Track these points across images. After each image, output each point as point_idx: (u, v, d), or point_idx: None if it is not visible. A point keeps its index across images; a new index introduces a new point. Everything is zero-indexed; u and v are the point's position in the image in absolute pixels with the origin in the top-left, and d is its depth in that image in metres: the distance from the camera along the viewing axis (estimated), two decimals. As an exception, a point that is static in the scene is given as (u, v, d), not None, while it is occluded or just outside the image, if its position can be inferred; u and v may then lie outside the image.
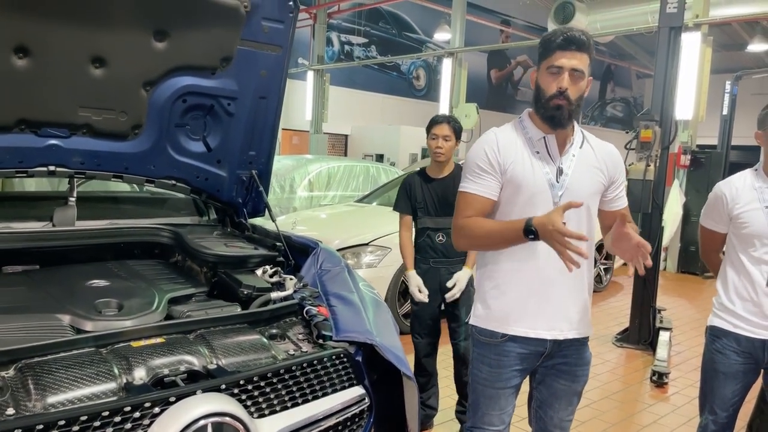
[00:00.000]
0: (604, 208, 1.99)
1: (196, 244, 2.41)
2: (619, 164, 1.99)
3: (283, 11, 2.48)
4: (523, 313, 1.89)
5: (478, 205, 1.88)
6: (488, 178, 1.87)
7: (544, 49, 1.83)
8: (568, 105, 1.80)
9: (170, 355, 1.64)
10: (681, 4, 4.83)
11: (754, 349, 2.33)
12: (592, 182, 1.91)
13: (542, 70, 1.84)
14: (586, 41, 1.79)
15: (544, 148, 1.88)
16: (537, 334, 1.90)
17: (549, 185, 1.85)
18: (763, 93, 17.75)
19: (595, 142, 1.97)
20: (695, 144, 8.77)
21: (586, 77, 1.83)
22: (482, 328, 1.97)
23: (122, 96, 2.33)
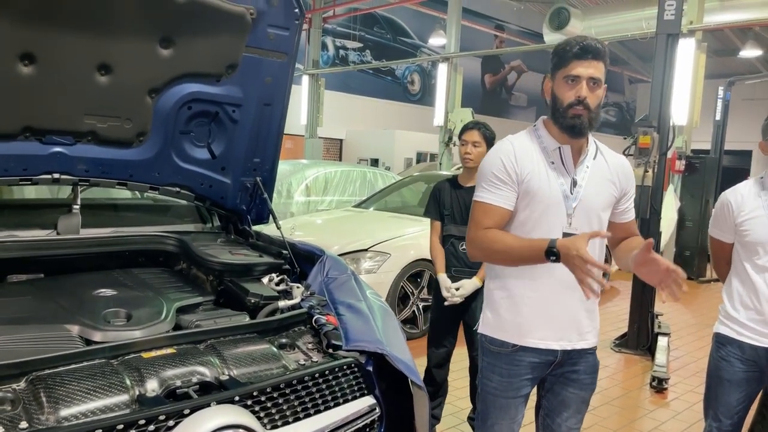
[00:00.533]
0: (615, 221, 1.98)
1: (202, 252, 2.39)
2: (631, 177, 1.99)
3: (289, 18, 2.47)
4: (535, 324, 1.89)
5: (496, 216, 1.85)
6: (506, 189, 1.85)
7: (559, 59, 1.82)
8: (588, 114, 1.80)
9: (182, 366, 1.62)
10: (678, 11, 4.87)
11: (758, 357, 2.33)
12: (605, 194, 1.91)
13: (558, 79, 1.83)
14: (602, 49, 1.79)
15: (559, 158, 1.88)
16: (548, 345, 1.90)
17: (563, 197, 1.85)
18: (754, 98, 17.94)
19: (608, 154, 1.97)
20: (690, 149, 8.83)
21: (603, 85, 1.83)
22: (493, 337, 1.96)
23: (127, 103, 2.32)
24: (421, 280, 5.21)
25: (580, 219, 1.85)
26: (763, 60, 17.31)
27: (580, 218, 1.85)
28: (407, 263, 5.07)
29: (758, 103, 16.95)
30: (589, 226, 1.85)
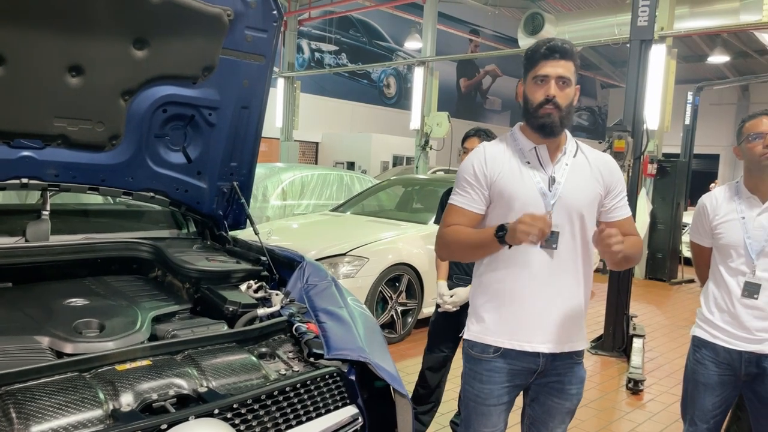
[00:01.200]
0: (603, 219, 1.95)
1: (177, 259, 2.33)
2: (615, 173, 1.95)
3: (267, 20, 2.43)
4: (517, 325, 1.87)
5: (463, 218, 1.89)
6: (474, 192, 1.88)
7: (528, 61, 1.84)
8: (558, 112, 1.80)
9: (158, 379, 1.56)
10: (651, 17, 4.95)
11: (732, 360, 2.35)
12: (588, 191, 1.88)
13: (528, 81, 1.84)
14: (570, 49, 1.80)
15: (536, 157, 1.88)
16: (533, 348, 1.88)
17: (540, 194, 1.83)
18: (721, 103, 18.42)
19: (589, 152, 1.96)
20: (661, 153, 8.99)
21: (573, 85, 1.83)
22: (474, 342, 1.95)
23: (99, 106, 2.25)
24: (400, 285, 5.19)
25: (560, 216, 1.83)
26: (730, 66, 17.78)
27: (561, 215, 1.83)
28: (385, 267, 5.04)
29: (725, 107, 17.39)
30: (570, 223, 1.84)
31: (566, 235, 1.84)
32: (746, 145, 2.32)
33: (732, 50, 15.90)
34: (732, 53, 15.96)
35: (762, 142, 2.26)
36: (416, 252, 5.24)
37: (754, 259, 2.30)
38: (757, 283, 2.29)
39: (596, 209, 1.92)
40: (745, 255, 2.32)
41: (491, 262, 1.91)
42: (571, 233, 1.85)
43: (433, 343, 3.24)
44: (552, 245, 1.82)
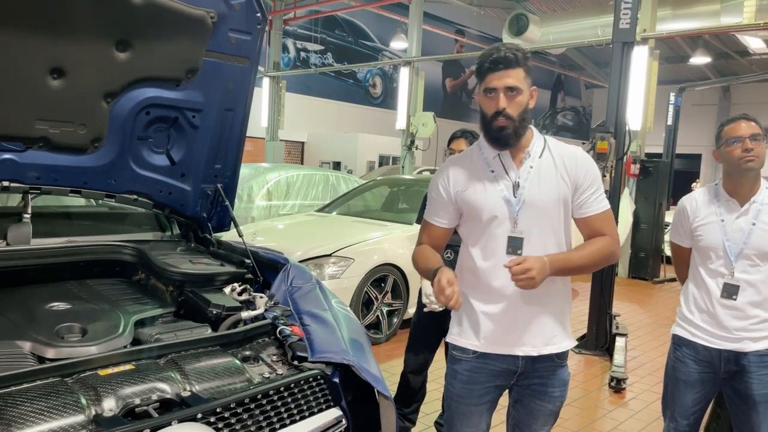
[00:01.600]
0: (577, 215, 1.92)
1: (161, 262, 2.33)
2: (584, 166, 1.89)
3: (251, 23, 2.43)
4: (493, 329, 1.89)
5: (431, 233, 2.01)
6: (441, 208, 1.97)
7: (477, 74, 1.85)
8: (511, 123, 1.80)
9: (141, 383, 1.56)
10: (633, 20, 5.00)
11: (711, 358, 2.40)
12: (553, 190, 1.86)
13: (481, 93, 1.85)
14: (514, 57, 1.77)
15: (500, 164, 1.89)
16: (509, 351, 1.90)
17: (505, 201, 1.85)
18: (703, 104, 18.66)
19: (556, 149, 1.92)
20: (644, 154, 9.09)
21: (525, 90, 1.81)
22: (455, 344, 1.98)
23: (82, 108, 2.23)
24: (385, 285, 5.20)
25: (526, 221, 1.84)
26: (711, 67, 18.01)
27: (527, 220, 1.84)
28: (371, 268, 5.05)
29: (707, 108, 17.62)
30: (538, 226, 1.84)
31: (534, 238, 1.84)
32: (725, 148, 2.35)
33: (713, 51, 16.12)
34: (713, 54, 16.18)
35: (740, 146, 2.29)
36: (402, 252, 5.26)
37: (733, 261, 2.34)
38: (735, 284, 2.34)
39: (565, 207, 1.89)
40: (724, 257, 2.36)
41: (467, 270, 1.94)
42: (539, 236, 1.85)
43: (415, 344, 3.25)
44: (517, 251, 1.84)
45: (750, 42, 14.14)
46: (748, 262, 2.33)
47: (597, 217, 1.90)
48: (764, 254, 2.32)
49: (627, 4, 4.98)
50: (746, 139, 2.28)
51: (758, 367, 2.33)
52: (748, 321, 2.33)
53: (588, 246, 1.89)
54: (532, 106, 1.87)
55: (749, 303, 2.33)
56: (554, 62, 20.67)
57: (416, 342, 3.26)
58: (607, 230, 1.91)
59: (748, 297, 2.33)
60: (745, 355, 2.34)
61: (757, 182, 2.37)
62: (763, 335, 2.34)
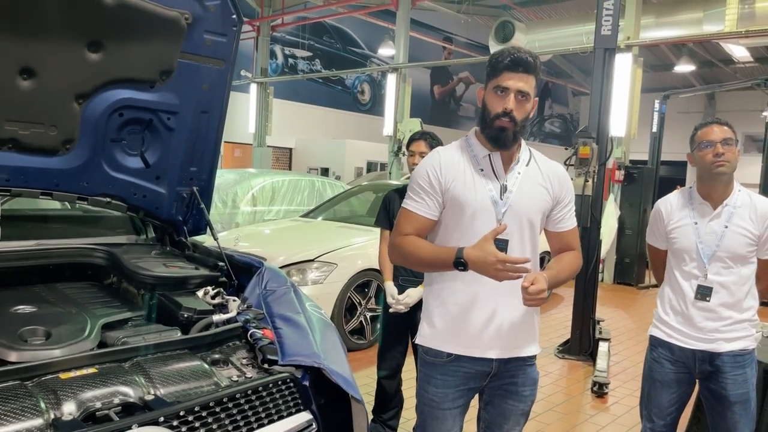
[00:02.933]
0: (551, 229, 1.98)
1: (133, 265, 2.29)
2: (566, 184, 1.97)
3: (227, 25, 2.42)
4: (468, 332, 1.88)
5: (417, 223, 1.89)
6: (428, 198, 1.88)
7: (492, 69, 1.83)
8: (513, 126, 1.81)
9: (103, 387, 1.53)
10: (615, 27, 5.04)
11: (686, 359, 2.42)
12: (537, 200, 1.90)
13: (489, 89, 1.84)
14: (534, 63, 1.80)
15: (489, 165, 1.89)
16: (483, 354, 1.89)
17: (492, 202, 1.85)
18: (689, 111, 18.82)
19: (542, 161, 1.97)
20: (628, 160, 9.16)
21: (532, 99, 1.84)
22: (428, 347, 1.95)
23: (52, 109, 2.20)
24: (369, 290, 5.18)
25: (510, 224, 1.84)
26: (696, 75, 18.21)
27: (511, 223, 1.84)
28: (354, 273, 5.03)
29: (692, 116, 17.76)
30: (519, 230, 1.86)
31: (515, 243, 1.86)
32: (698, 153, 2.37)
33: (698, 60, 16.31)
34: (698, 63, 16.36)
35: (712, 150, 2.31)
36: (385, 258, 5.23)
37: (706, 264, 2.36)
38: (708, 286, 2.36)
39: (543, 218, 1.94)
40: (697, 259, 2.38)
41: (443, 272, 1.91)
42: (520, 241, 1.87)
43: (386, 350, 3.25)
44: None
45: (734, 50, 14.29)
46: (721, 264, 2.35)
47: (570, 232, 2.01)
48: (737, 256, 2.34)
49: (608, 11, 5.02)
50: (717, 143, 2.30)
51: (732, 367, 2.35)
52: (722, 322, 2.35)
53: (565, 260, 1.99)
54: (532, 117, 1.89)
55: (722, 305, 2.35)
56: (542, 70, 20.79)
57: (387, 345, 3.25)
58: (576, 245, 2.03)
59: (721, 299, 2.35)
60: (719, 356, 2.36)
61: (730, 185, 2.39)
62: (737, 336, 2.36)
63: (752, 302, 2.40)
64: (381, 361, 3.28)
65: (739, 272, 2.35)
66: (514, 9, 13.82)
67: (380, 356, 3.29)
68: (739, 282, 2.35)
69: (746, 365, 2.37)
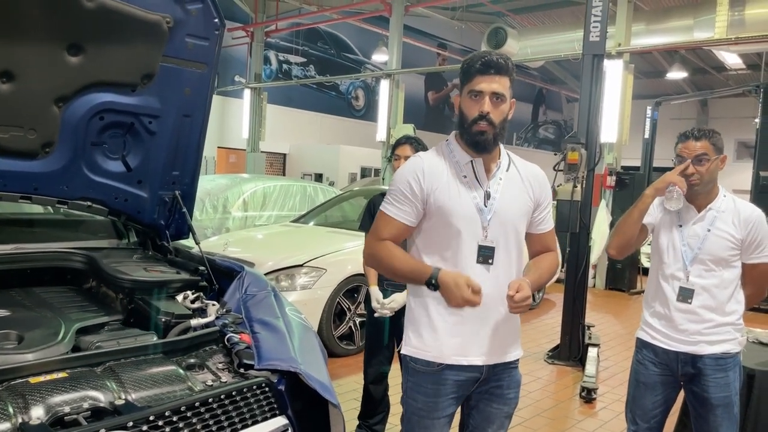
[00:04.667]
0: (531, 231, 1.97)
1: (112, 269, 2.28)
2: (545, 186, 1.98)
3: (209, 28, 2.41)
4: (457, 341, 1.86)
5: (395, 229, 1.88)
6: (408, 205, 1.86)
7: (464, 74, 1.83)
8: (492, 129, 1.81)
9: (73, 391, 1.52)
10: (603, 33, 5.06)
11: (669, 361, 2.43)
12: (520, 205, 1.90)
13: (464, 95, 1.84)
14: (505, 64, 1.80)
15: (472, 172, 1.88)
16: (471, 362, 1.87)
17: (477, 210, 1.84)
18: (681, 118, 18.90)
19: (520, 165, 1.97)
20: (620, 166, 9.18)
21: (508, 100, 1.83)
22: (416, 357, 1.92)
23: (31, 112, 2.19)
24: (358, 296, 5.17)
25: (495, 231, 1.85)
26: (688, 81, 18.31)
27: (496, 230, 1.85)
28: (343, 278, 5.01)
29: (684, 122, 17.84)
30: (505, 237, 1.86)
31: (501, 249, 1.86)
32: (677, 164, 2.40)
33: (690, 66, 16.40)
34: (690, 69, 16.46)
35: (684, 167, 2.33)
36: (375, 263, 5.22)
37: (688, 266, 2.38)
38: (690, 288, 2.37)
39: (527, 222, 1.95)
40: (680, 261, 2.39)
41: None
42: (505, 247, 1.86)
43: (372, 355, 3.24)
44: (488, 260, 1.84)
45: (726, 57, 14.38)
46: (703, 267, 2.36)
47: (549, 233, 2.02)
48: (718, 260, 2.35)
49: (596, 18, 5.04)
50: (688, 161, 2.32)
51: (714, 370, 2.36)
52: (704, 325, 2.36)
53: (545, 262, 2.00)
54: (510, 118, 1.88)
55: (704, 307, 2.36)
56: (535, 76, 20.89)
57: (372, 350, 3.25)
58: (554, 246, 2.05)
59: (703, 301, 2.35)
60: (701, 358, 2.36)
61: (714, 191, 2.41)
62: (719, 339, 2.37)
63: (736, 306, 2.40)
64: (367, 366, 3.27)
65: (721, 275, 2.36)
66: (507, 15, 13.88)
67: (366, 361, 3.28)
68: (721, 285, 2.36)
69: (729, 369, 2.37)
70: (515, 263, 1.90)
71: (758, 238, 2.36)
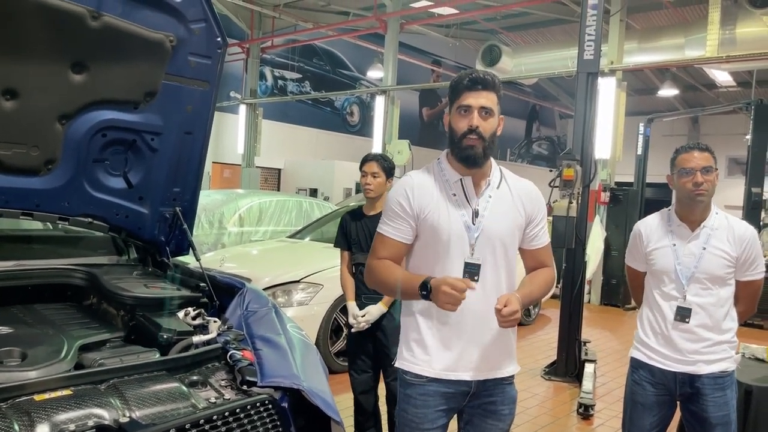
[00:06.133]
0: (525, 247, 2.00)
1: (113, 286, 2.28)
2: (537, 202, 1.99)
3: (211, 47, 2.45)
4: (446, 355, 1.88)
5: (392, 248, 1.92)
6: (402, 223, 1.90)
7: (452, 92, 1.88)
8: (482, 143, 1.84)
9: (78, 409, 1.52)
10: (597, 51, 5.14)
11: (666, 381, 2.43)
12: (509, 222, 1.92)
13: (453, 112, 1.88)
14: (491, 80, 1.85)
15: (461, 190, 1.91)
16: (459, 377, 1.89)
17: (465, 228, 1.87)
18: (673, 134, 19.09)
19: (512, 181, 1.99)
20: (614, 182, 9.26)
21: (496, 115, 1.87)
22: (407, 370, 1.95)
23: (34, 130, 2.21)
24: (355, 312, 5.15)
25: (482, 248, 1.87)
26: (680, 99, 18.51)
27: (483, 247, 1.87)
28: (340, 294, 4.96)
29: (676, 138, 18.03)
30: (492, 254, 1.88)
31: (489, 266, 1.88)
32: (678, 179, 2.39)
33: (681, 84, 16.60)
34: (681, 87, 16.65)
35: (692, 178, 2.33)
36: (371, 278, 5.23)
37: (685, 285, 2.38)
38: (687, 307, 2.37)
39: (518, 238, 1.96)
40: (676, 281, 2.40)
41: None
42: (493, 264, 1.88)
43: (355, 367, 3.30)
44: (474, 277, 1.85)
45: (717, 75, 14.59)
46: (700, 286, 2.37)
47: (543, 249, 2.02)
48: (715, 278, 2.36)
49: (590, 37, 5.12)
50: (697, 172, 2.32)
51: (712, 389, 2.36)
52: (701, 344, 2.36)
53: (539, 278, 2.00)
54: (499, 134, 1.91)
55: (701, 326, 2.36)
56: (529, 93, 21.07)
57: (355, 361, 3.30)
58: (549, 261, 2.05)
59: (700, 320, 2.36)
60: (700, 378, 2.36)
61: (708, 208, 2.42)
62: (717, 358, 2.37)
63: (731, 324, 2.42)
64: (352, 378, 3.31)
65: (717, 294, 2.37)
66: (501, 33, 14.04)
67: (350, 375, 3.32)
68: (718, 303, 2.37)
69: (726, 387, 2.38)
70: (505, 280, 1.92)
71: (752, 256, 2.38)
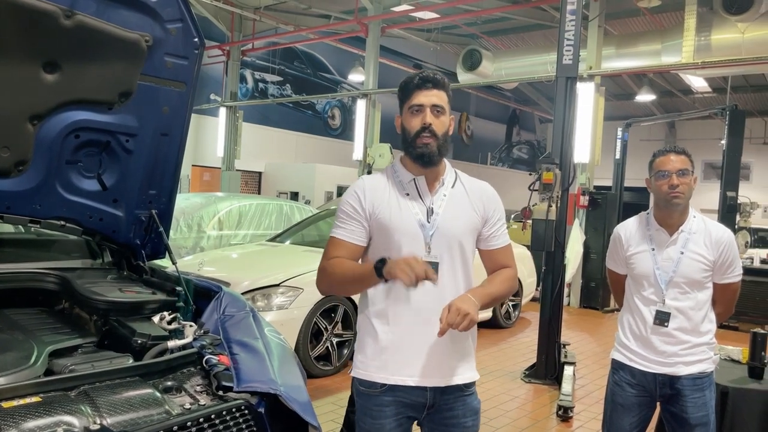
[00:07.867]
0: (483, 247, 1.97)
1: (86, 290, 2.23)
2: (493, 201, 1.96)
3: (188, 48, 2.41)
4: (399, 361, 1.84)
5: (344, 250, 1.87)
6: (354, 224, 1.87)
7: (403, 93, 1.88)
8: (435, 140, 1.83)
9: (47, 416, 1.48)
10: (576, 56, 5.19)
11: (646, 382, 2.44)
12: (465, 221, 1.90)
13: (405, 112, 1.88)
14: (441, 79, 1.86)
15: (414, 189, 1.89)
16: (415, 383, 1.84)
17: (419, 225, 1.85)
18: (650, 139, 19.40)
19: (467, 181, 1.97)
20: (593, 185, 9.35)
21: (447, 113, 1.87)
22: (362, 379, 1.90)
23: (5, 130, 2.16)
24: (335, 316, 5.13)
25: (439, 246, 1.84)
26: (657, 104, 18.81)
27: (440, 246, 1.85)
28: (321, 298, 4.97)
29: (653, 143, 18.32)
30: (450, 253, 1.85)
31: (446, 265, 1.85)
32: (655, 181, 2.42)
33: (658, 89, 16.86)
34: (658, 92, 16.92)
35: (668, 181, 2.35)
36: (352, 282, 5.20)
37: (664, 289, 2.40)
38: (666, 311, 2.39)
39: (473, 238, 1.93)
40: (655, 285, 2.42)
41: (373, 297, 1.89)
42: (450, 263, 1.86)
43: None
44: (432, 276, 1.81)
45: (692, 81, 14.83)
46: (678, 290, 2.39)
47: (502, 250, 1.98)
48: (693, 282, 2.38)
49: (569, 42, 5.17)
50: (673, 174, 2.34)
51: (692, 390, 2.38)
52: (680, 346, 2.39)
53: (499, 277, 1.95)
54: (451, 133, 1.91)
55: (680, 329, 2.38)
56: (509, 97, 21.24)
57: None
58: (510, 263, 2.00)
59: (679, 323, 2.38)
60: (679, 379, 2.39)
61: (686, 212, 2.44)
62: (695, 359, 2.40)
63: (709, 326, 2.44)
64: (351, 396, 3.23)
65: (695, 297, 2.39)
66: (482, 38, 14.13)
67: None
68: (696, 307, 2.39)
69: (705, 388, 2.41)
70: (462, 280, 1.88)
71: (729, 259, 2.40)
